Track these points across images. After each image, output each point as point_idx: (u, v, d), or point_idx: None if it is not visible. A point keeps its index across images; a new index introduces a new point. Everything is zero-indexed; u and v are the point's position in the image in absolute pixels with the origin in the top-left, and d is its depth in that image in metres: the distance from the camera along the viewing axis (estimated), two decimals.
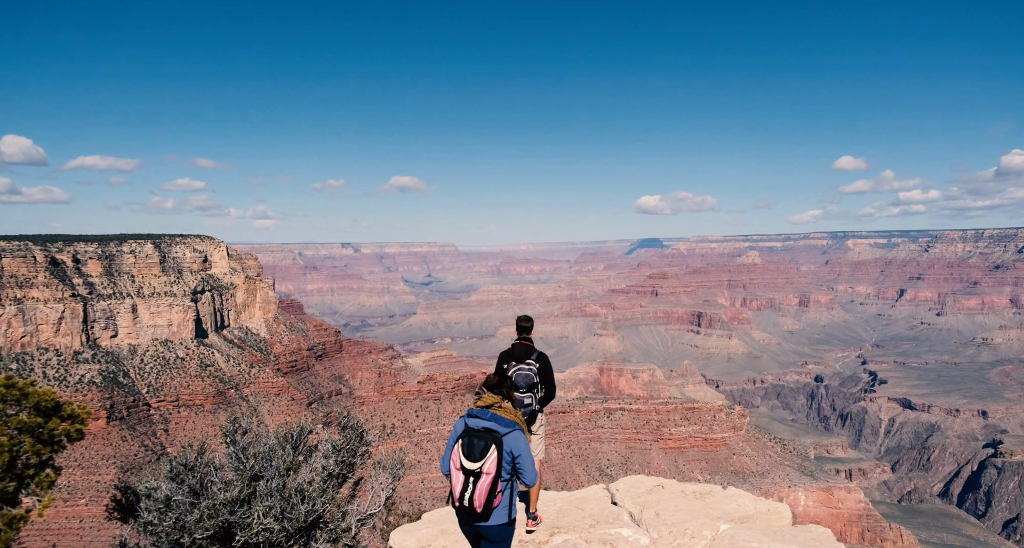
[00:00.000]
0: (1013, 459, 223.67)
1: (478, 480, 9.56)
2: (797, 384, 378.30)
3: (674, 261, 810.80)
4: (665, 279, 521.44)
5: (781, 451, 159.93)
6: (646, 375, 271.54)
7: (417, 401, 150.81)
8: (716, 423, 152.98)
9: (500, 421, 9.87)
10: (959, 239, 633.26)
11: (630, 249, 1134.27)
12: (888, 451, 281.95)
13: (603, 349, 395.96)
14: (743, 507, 16.39)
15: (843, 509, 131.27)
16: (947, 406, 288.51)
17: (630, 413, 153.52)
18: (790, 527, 15.76)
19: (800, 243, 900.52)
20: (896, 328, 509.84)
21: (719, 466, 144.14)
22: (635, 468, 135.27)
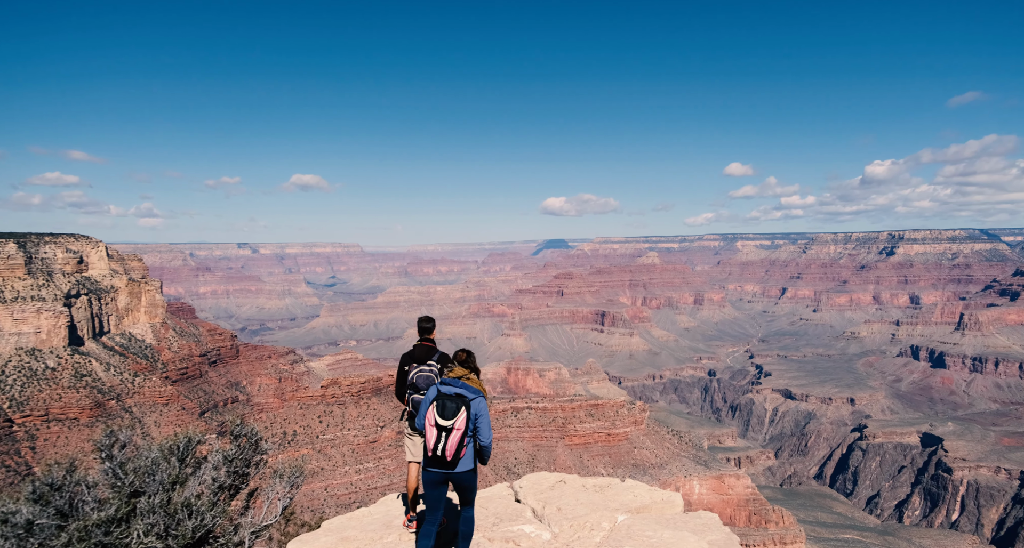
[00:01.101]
0: (875, 441, 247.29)
1: (450, 434, 12.29)
2: (693, 378, 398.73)
3: (579, 261, 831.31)
4: (570, 279, 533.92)
5: (678, 443, 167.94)
6: (552, 374, 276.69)
7: (320, 406, 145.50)
8: (619, 418, 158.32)
9: (469, 389, 12.66)
10: (831, 241, 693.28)
11: (537, 250, 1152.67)
12: (772, 438, 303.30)
13: (510, 349, 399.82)
14: (639, 498, 17.11)
15: (733, 495, 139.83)
16: (822, 395, 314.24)
17: (537, 411, 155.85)
18: (682, 514, 16.64)
19: (695, 244, 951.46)
20: (779, 324, 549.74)
21: (621, 459, 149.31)
22: (542, 465, 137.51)
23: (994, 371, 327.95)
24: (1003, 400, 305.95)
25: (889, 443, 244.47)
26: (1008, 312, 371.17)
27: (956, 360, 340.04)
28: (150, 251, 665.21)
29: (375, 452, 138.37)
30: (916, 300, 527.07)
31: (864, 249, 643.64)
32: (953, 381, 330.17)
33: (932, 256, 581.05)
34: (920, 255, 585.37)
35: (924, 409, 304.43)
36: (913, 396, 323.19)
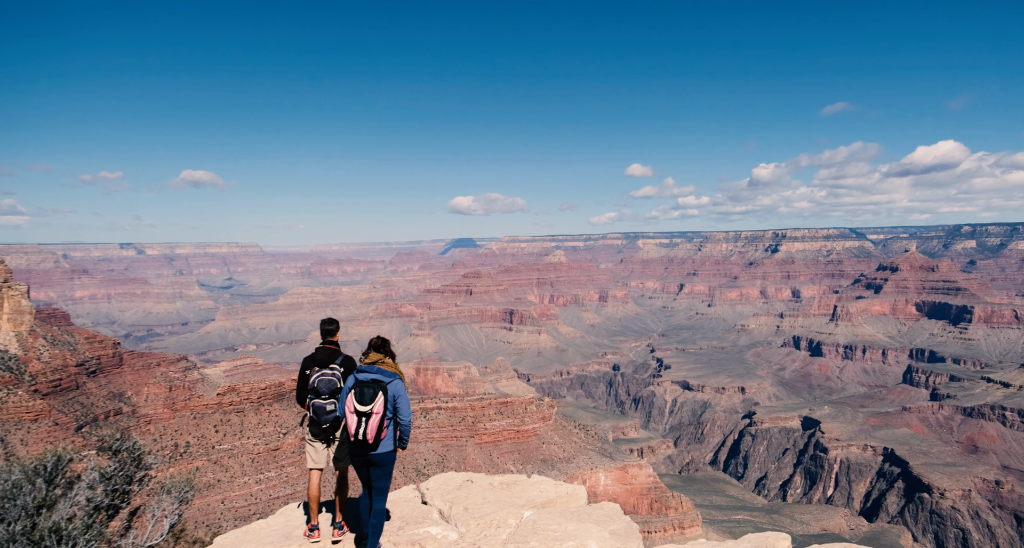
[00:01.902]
0: (763, 426, 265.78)
1: (369, 418, 12.83)
2: (598, 373, 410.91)
3: (487, 260, 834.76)
4: (479, 278, 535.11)
5: (585, 437, 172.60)
6: (462, 373, 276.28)
7: (216, 415, 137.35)
8: (527, 415, 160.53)
9: (384, 373, 13.24)
10: (724, 240, 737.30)
11: (445, 249, 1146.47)
12: (672, 428, 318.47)
13: (419, 349, 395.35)
14: (545, 493, 17.43)
15: (636, 484, 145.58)
16: (716, 385, 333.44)
17: (446, 411, 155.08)
18: (586, 506, 17.10)
19: (599, 243, 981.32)
20: (677, 319, 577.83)
21: (530, 455, 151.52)
22: (452, 465, 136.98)
23: (862, 357, 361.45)
24: (869, 384, 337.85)
25: (775, 428, 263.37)
26: (873, 304, 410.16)
27: (831, 349, 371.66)
28: (14, 252, 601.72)
29: (277, 460, 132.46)
30: (797, 294, 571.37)
31: (752, 247, 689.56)
32: (828, 368, 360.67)
33: (810, 253, 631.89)
34: (800, 252, 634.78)
35: (804, 395, 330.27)
36: (795, 383, 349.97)
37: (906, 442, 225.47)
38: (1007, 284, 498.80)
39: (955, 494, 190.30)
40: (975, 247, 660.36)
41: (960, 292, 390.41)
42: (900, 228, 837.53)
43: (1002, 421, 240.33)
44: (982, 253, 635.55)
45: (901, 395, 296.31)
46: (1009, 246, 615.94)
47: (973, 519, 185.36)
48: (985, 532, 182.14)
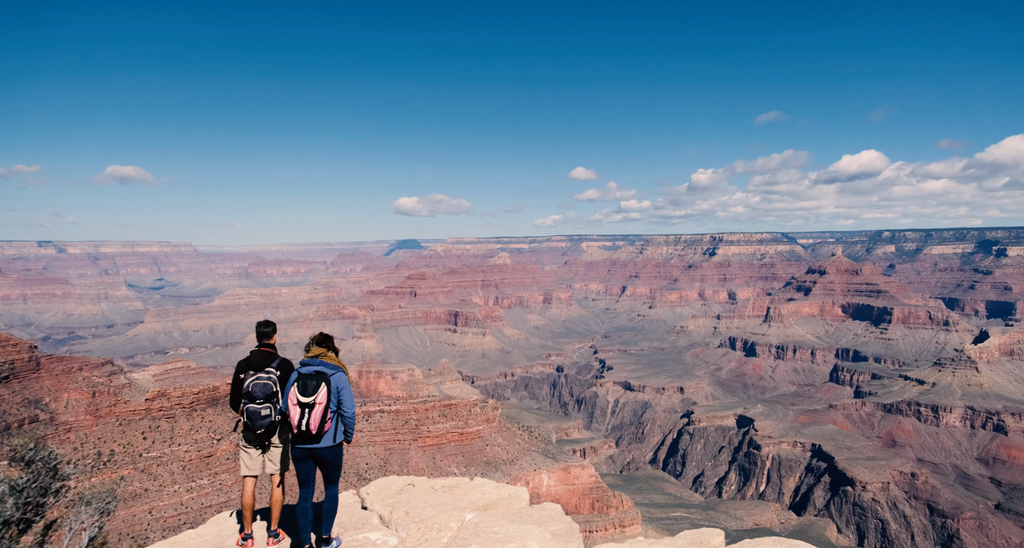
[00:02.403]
0: (700, 425, 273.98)
1: (312, 410, 12.93)
2: (542, 375, 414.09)
3: (432, 262, 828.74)
4: (423, 280, 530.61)
5: (528, 438, 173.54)
6: (405, 375, 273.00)
7: (145, 421, 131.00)
8: (471, 417, 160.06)
9: (327, 365, 13.39)
10: (664, 243, 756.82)
11: (389, 250, 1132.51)
12: (614, 428, 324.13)
13: (362, 351, 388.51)
14: (487, 495, 17.41)
15: (578, 484, 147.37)
16: (656, 385, 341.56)
17: (389, 414, 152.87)
18: (528, 508, 17.17)
19: (544, 245, 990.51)
20: (620, 320, 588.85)
21: (474, 458, 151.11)
22: (394, 469, 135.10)
23: (793, 357, 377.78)
24: (799, 382, 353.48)
25: (712, 426, 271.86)
26: (803, 305, 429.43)
27: (764, 349, 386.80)
28: None
29: (210, 467, 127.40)
30: (733, 296, 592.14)
31: (691, 250, 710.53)
32: (762, 368, 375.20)
33: (745, 256, 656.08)
34: (736, 255, 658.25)
35: (740, 394, 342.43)
36: (731, 383, 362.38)
37: (832, 438, 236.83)
38: (922, 287, 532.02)
39: (875, 487, 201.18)
40: (894, 251, 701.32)
41: (881, 294, 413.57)
42: (828, 233, 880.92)
43: (917, 416, 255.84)
44: (900, 257, 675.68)
45: (828, 393, 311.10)
46: (924, 251, 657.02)
47: (891, 510, 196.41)
48: (902, 522, 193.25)
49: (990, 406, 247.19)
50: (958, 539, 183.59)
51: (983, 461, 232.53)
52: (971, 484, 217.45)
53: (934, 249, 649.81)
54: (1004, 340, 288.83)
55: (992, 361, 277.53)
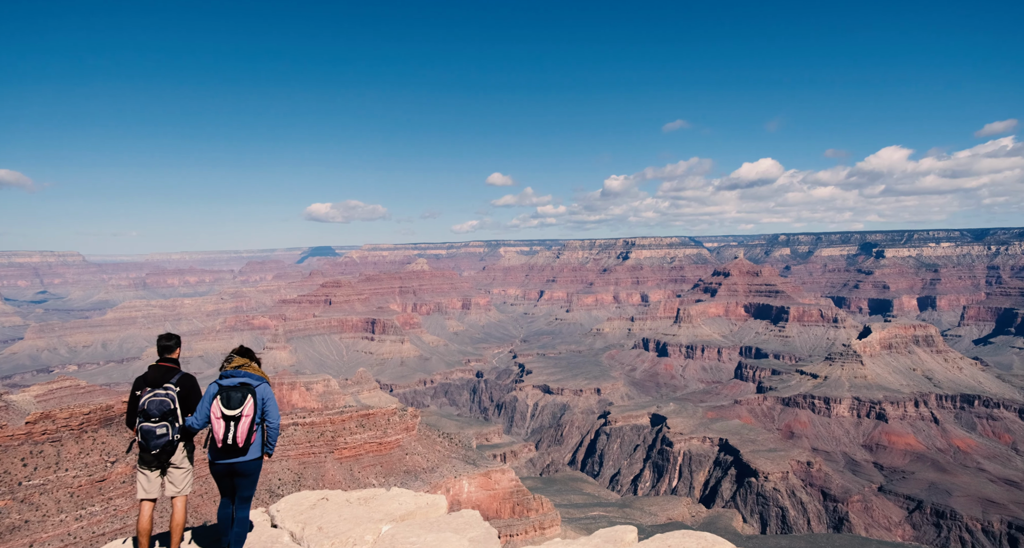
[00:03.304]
0: (616, 425, 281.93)
1: (239, 422, 12.76)
2: (462, 381, 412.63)
3: (347, 269, 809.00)
4: (339, 287, 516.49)
5: (449, 445, 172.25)
6: (320, 386, 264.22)
7: (25, 446, 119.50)
8: (390, 426, 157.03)
9: (252, 376, 13.27)
10: (580, 247, 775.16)
11: (301, 257, 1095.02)
12: (533, 432, 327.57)
13: (274, 362, 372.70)
14: (404, 505, 17.22)
15: (499, 489, 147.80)
16: (574, 387, 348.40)
17: (304, 427, 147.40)
18: (446, 516, 17.13)
19: (462, 251, 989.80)
20: (538, 324, 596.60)
21: (393, 467, 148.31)
22: (309, 483, 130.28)
23: (701, 356, 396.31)
24: (707, 380, 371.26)
25: (627, 425, 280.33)
26: (709, 306, 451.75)
27: (675, 349, 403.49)
28: None
29: (103, 492, 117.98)
30: (646, 298, 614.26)
31: (606, 254, 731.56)
32: (673, 367, 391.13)
33: (656, 260, 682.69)
34: (648, 259, 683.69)
35: (653, 393, 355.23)
36: (645, 382, 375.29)
37: (738, 432, 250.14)
38: (814, 287, 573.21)
39: (776, 477, 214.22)
40: (790, 254, 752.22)
41: (779, 294, 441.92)
42: (731, 237, 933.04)
43: (812, 408, 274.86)
44: (795, 259, 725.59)
45: (733, 389, 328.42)
46: (815, 253, 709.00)
47: (790, 497, 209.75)
48: (800, 508, 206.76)
49: (873, 396, 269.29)
50: (847, 521, 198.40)
51: (868, 447, 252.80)
52: (858, 469, 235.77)
53: (824, 251, 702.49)
54: (884, 335, 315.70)
55: (874, 354, 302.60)
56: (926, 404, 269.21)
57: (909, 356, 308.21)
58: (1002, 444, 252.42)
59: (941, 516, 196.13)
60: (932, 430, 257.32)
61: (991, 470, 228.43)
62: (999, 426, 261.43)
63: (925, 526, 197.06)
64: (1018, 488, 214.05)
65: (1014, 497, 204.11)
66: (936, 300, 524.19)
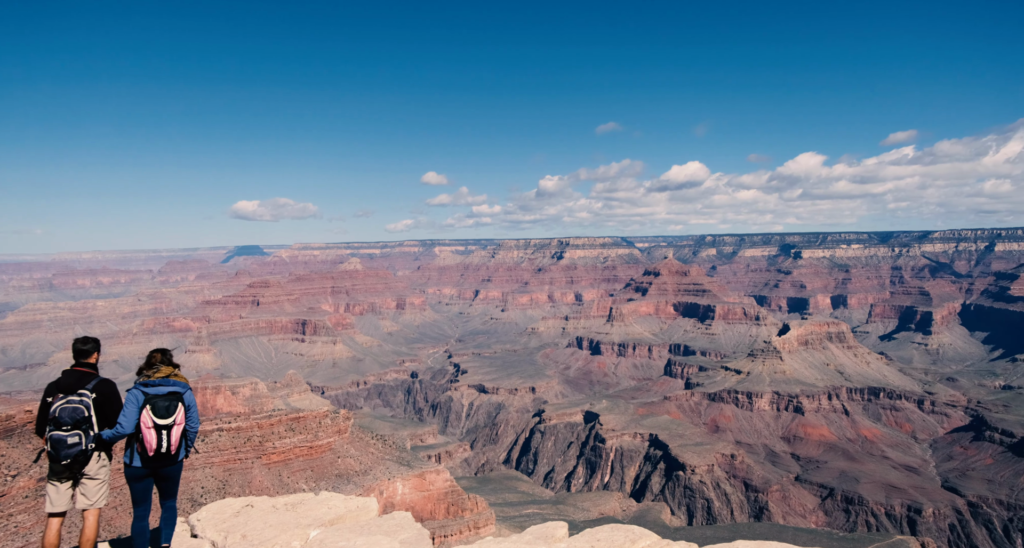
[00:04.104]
0: (551, 423, 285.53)
1: (171, 431, 12.93)
2: (396, 381, 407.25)
3: (276, 269, 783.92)
4: (267, 288, 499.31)
5: (382, 447, 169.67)
6: (247, 389, 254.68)
7: None
8: (321, 429, 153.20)
9: (179, 384, 13.38)
10: (515, 247, 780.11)
11: (227, 257, 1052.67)
12: (469, 431, 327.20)
13: (197, 366, 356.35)
14: (334, 509, 16.97)
15: (434, 490, 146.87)
16: (509, 386, 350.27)
17: (229, 432, 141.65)
18: (377, 518, 17.01)
19: (396, 250, 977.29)
20: (473, 324, 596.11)
21: (325, 471, 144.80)
22: (235, 490, 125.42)
23: (633, 354, 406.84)
24: (638, 377, 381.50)
25: (561, 423, 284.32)
26: (640, 305, 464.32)
27: (608, 347, 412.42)
28: None
29: (3, 509, 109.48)
30: (580, 298, 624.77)
31: (540, 254, 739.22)
32: (606, 365, 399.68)
33: (590, 259, 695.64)
34: (581, 259, 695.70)
35: (586, 391, 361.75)
36: (579, 380, 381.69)
37: (667, 427, 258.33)
38: (738, 286, 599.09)
39: (702, 470, 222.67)
40: (716, 254, 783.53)
41: (705, 293, 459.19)
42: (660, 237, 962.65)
43: (735, 403, 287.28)
44: (720, 259, 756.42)
45: (663, 386, 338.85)
46: (739, 253, 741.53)
47: (715, 489, 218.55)
48: (724, 499, 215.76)
49: (791, 390, 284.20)
50: (767, 510, 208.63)
51: (786, 439, 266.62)
52: (777, 460, 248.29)
53: (747, 252, 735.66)
54: (801, 332, 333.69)
55: (792, 350, 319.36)
56: (838, 397, 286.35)
57: (823, 352, 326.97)
58: (903, 433, 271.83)
59: (850, 502, 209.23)
60: (843, 421, 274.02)
61: (894, 457, 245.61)
62: (901, 416, 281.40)
63: (836, 512, 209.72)
64: (917, 473, 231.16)
65: (913, 482, 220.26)
66: (847, 299, 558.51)
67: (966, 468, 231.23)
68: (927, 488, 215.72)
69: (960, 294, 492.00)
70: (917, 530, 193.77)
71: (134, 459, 13.09)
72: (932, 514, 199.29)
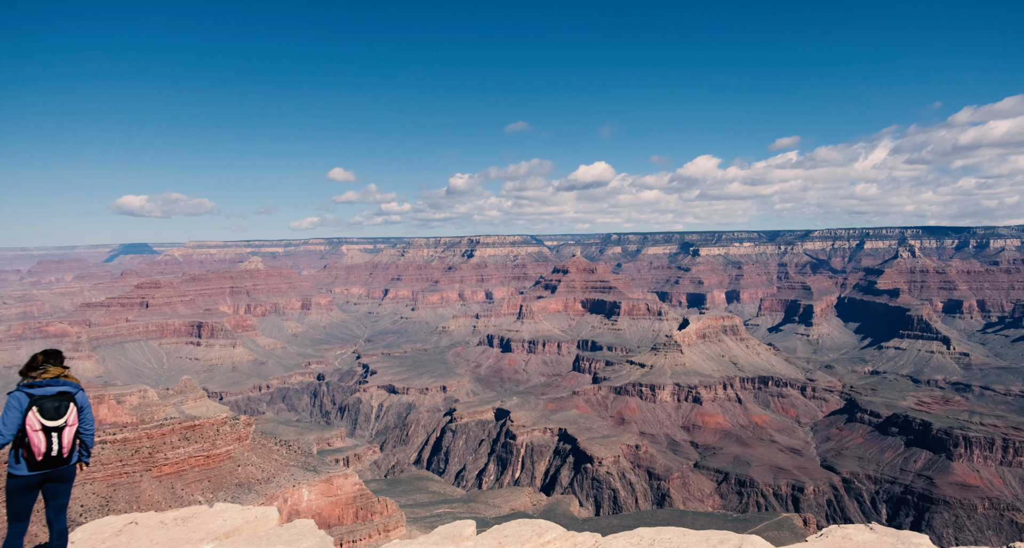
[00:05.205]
0: (462, 421, 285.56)
1: (63, 432, 12.33)
2: (302, 384, 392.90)
3: (168, 268, 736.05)
4: (158, 289, 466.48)
5: (287, 453, 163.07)
6: (135, 398, 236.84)
7: None
8: (220, 437, 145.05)
9: (70, 384, 12.92)
10: (425, 245, 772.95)
11: (110, 256, 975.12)
12: (378, 433, 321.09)
13: (77, 374, 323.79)
14: (230, 521, 16.13)
15: (341, 495, 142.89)
16: (420, 386, 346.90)
17: (114, 445, 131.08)
18: (277, 528, 16.34)
19: (301, 249, 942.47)
20: (383, 323, 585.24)
21: (223, 481, 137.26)
22: (120, 507, 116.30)
23: (543, 351, 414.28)
24: (548, 373, 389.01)
25: (473, 421, 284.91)
26: (550, 302, 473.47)
27: (519, 344, 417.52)
28: None
29: None
30: (490, 296, 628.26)
31: (451, 252, 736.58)
32: (517, 362, 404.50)
33: (500, 258, 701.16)
34: (492, 257, 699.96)
35: (498, 388, 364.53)
36: (490, 378, 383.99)
37: (575, 422, 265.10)
38: (642, 283, 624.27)
39: (609, 461, 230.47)
40: (621, 252, 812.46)
41: (611, 290, 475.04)
42: (569, 236, 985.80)
43: (640, 395, 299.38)
44: (625, 257, 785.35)
45: (572, 381, 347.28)
46: (643, 251, 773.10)
47: (621, 479, 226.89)
48: (629, 489, 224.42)
49: (690, 381, 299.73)
50: (669, 497, 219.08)
51: (686, 428, 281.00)
52: (678, 449, 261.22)
53: (650, 250, 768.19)
54: (699, 326, 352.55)
55: (691, 344, 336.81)
56: (732, 387, 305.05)
57: (719, 344, 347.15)
58: (789, 418, 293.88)
59: (743, 484, 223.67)
60: (737, 409, 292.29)
61: (780, 441, 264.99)
62: (786, 402, 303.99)
63: (730, 495, 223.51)
64: (800, 455, 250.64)
65: (797, 463, 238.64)
66: (740, 293, 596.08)
67: (841, 448, 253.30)
68: (808, 468, 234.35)
69: (836, 288, 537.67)
70: (800, 507, 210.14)
71: (20, 465, 12.20)
72: (812, 491, 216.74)
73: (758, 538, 15.77)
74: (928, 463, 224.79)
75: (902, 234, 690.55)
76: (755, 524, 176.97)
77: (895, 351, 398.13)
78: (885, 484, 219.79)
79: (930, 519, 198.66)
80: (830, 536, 14.90)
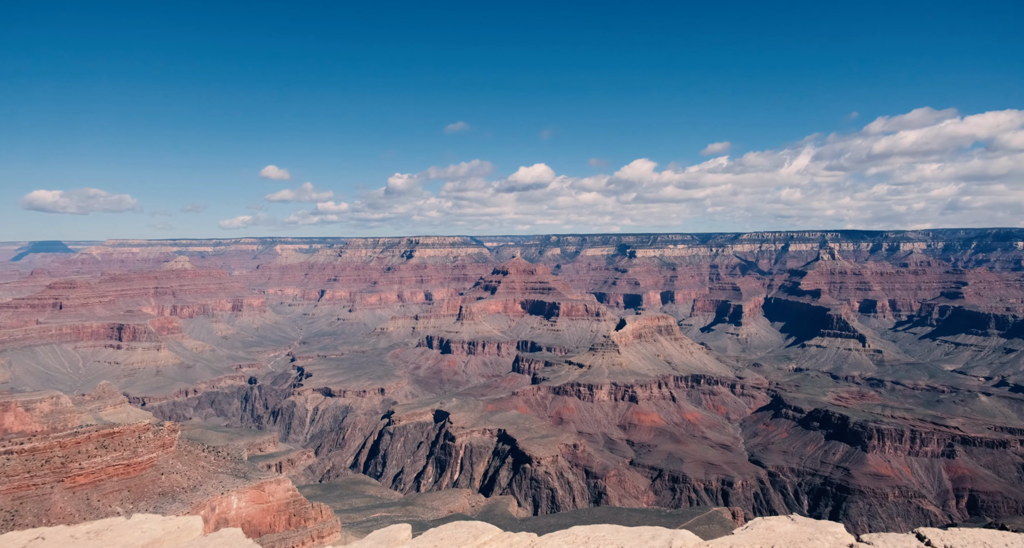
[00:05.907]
0: (400, 424, 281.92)
1: None
2: (232, 388, 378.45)
3: (85, 268, 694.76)
4: (73, 289, 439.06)
5: (215, 459, 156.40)
6: (46, 405, 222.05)
7: None
8: (141, 445, 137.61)
9: None
10: (363, 246, 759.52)
11: (19, 253, 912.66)
12: (313, 437, 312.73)
13: None
14: (149, 532, 15.27)
15: (273, 501, 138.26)
16: (357, 388, 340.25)
17: (21, 455, 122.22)
18: (201, 538, 15.59)
19: (232, 248, 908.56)
20: (319, 325, 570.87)
21: (145, 491, 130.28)
22: (27, 521, 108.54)
23: (482, 352, 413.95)
24: (488, 374, 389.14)
25: (411, 424, 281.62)
26: (490, 304, 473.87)
27: (458, 345, 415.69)
28: None
29: None
30: (430, 297, 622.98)
31: (390, 253, 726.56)
32: (456, 363, 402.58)
33: (440, 259, 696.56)
34: (431, 258, 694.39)
35: (437, 389, 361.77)
36: (429, 380, 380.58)
37: (514, 422, 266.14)
38: (581, 284, 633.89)
39: (547, 461, 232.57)
40: (560, 254, 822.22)
41: (551, 291, 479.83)
42: (509, 237, 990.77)
43: (578, 395, 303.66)
44: (565, 258, 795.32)
45: (511, 382, 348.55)
46: (581, 253, 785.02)
47: (559, 479, 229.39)
48: (567, 488, 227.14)
49: (627, 381, 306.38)
50: (605, 494, 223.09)
51: (622, 426, 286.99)
52: (615, 447, 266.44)
53: (588, 251, 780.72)
54: (635, 326, 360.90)
55: (628, 344, 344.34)
56: (667, 385, 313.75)
57: (654, 344, 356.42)
58: (719, 415, 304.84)
59: (676, 480, 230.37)
60: (671, 407, 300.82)
61: (712, 437, 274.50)
62: (717, 400, 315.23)
63: (664, 491, 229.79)
64: (729, 450, 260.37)
65: (727, 458, 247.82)
66: (674, 294, 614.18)
67: (767, 442, 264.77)
68: (737, 463, 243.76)
69: (764, 289, 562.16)
70: (729, 500, 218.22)
71: None
72: (741, 485, 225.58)
73: (688, 533, 16.25)
74: (845, 455, 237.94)
75: (823, 237, 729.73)
76: (686, 519, 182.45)
77: (817, 349, 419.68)
78: (807, 476, 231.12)
79: (847, 508, 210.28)
80: (755, 528, 15.49)
